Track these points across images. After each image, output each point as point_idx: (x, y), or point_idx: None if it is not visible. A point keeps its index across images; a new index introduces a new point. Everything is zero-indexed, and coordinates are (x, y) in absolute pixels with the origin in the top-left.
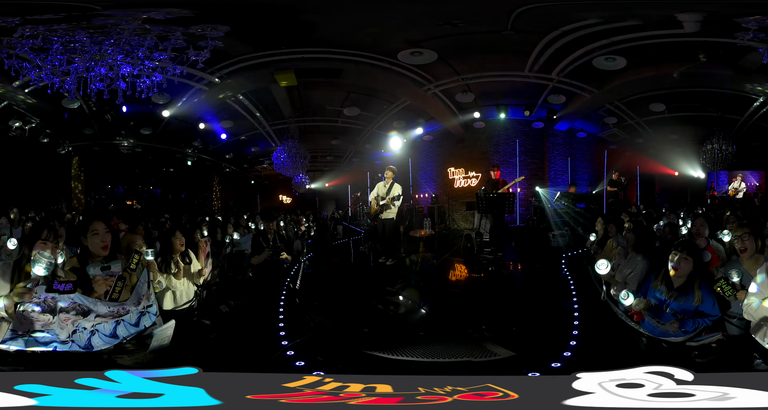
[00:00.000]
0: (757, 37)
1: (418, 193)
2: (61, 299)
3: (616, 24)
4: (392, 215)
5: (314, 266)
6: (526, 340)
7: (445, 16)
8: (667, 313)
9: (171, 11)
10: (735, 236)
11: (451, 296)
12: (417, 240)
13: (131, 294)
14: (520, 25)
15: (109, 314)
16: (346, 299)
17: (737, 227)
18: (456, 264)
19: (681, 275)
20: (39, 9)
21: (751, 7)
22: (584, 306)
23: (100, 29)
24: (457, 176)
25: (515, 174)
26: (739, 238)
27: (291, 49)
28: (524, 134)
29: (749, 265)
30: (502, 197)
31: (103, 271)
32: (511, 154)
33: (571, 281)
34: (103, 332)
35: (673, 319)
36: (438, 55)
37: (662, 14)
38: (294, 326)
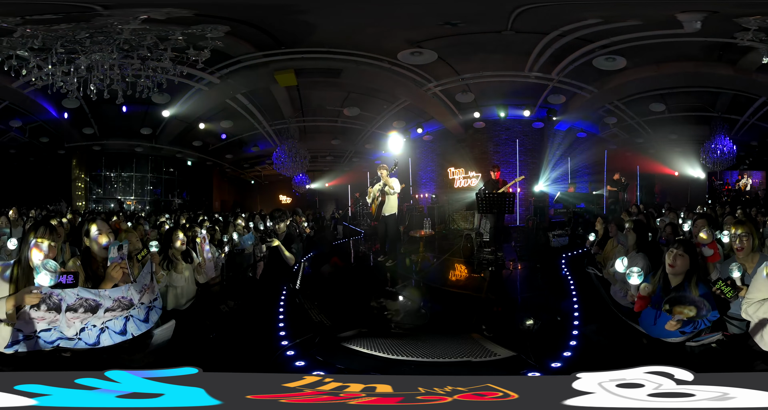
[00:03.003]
0: (757, 37)
1: (418, 193)
2: (66, 297)
3: (616, 24)
4: (394, 211)
5: (314, 266)
6: (526, 340)
7: (445, 16)
8: (664, 314)
9: (171, 11)
10: (733, 235)
11: (451, 296)
12: (417, 240)
13: (134, 282)
14: (520, 25)
15: (116, 305)
16: (346, 299)
17: (735, 226)
18: (456, 264)
19: (678, 272)
20: (39, 9)
21: (751, 7)
22: (584, 306)
23: (100, 29)
24: (457, 176)
25: (515, 174)
26: (738, 237)
27: (291, 49)
28: (524, 134)
29: (747, 264)
30: (502, 197)
31: (119, 251)
32: (511, 154)
33: (571, 281)
34: (114, 329)
35: (670, 318)
36: (438, 55)
37: (662, 14)
38: (294, 326)
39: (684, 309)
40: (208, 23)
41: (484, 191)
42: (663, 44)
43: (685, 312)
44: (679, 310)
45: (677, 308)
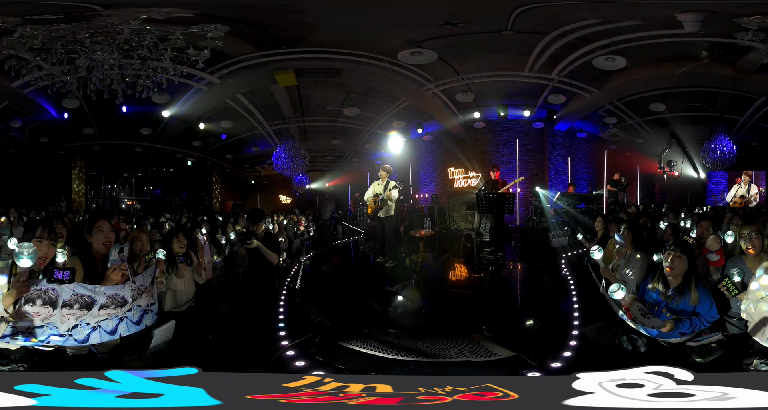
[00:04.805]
0: (757, 37)
1: (418, 193)
2: (62, 292)
3: (616, 24)
4: (391, 213)
5: (314, 266)
6: (526, 340)
7: (445, 16)
8: (663, 314)
9: (171, 11)
10: (743, 235)
11: (451, 296)
12: (417, 240)
13: (132, 281)
14: (520, 25)
15: (110, 302)
16: (346, 299)
17: (745, 225)
18: (456, 264)
19: (676, 274)
20: (39, 9)
21: (751, 7)
22: (584, 306)
23: (100, 29)
24: (457, 176)
25: (515, 174)
26: (747, 236)
27: (291, 49)
28: (524, 134)
29: (752, 264)
30: (502, 197)
31: (119, 254)
32: (511, 154)
33: (571, 281)
34: (105, 328)
35: (670, 318)
36: (438, 55)
37: (662, 14)
38: (294, 326)
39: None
40: (208, 23)
41: (484, 191)
42: (663, 44)
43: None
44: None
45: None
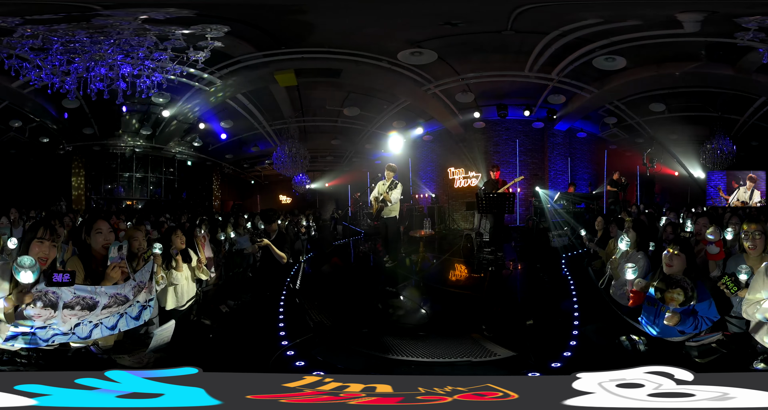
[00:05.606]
0: (757, 37)
1: (418, 193)
2: (62, 295)
3: (616, 24)
4: (394, 214)
5: (314, 266)
6: (526, 340)
7: (445, 16)
8: (664, 312)
9: (171, 11)
10: (745, 233)
11: (451, 296)
12: (417, 240)
13: (131, 279)
14: (520, 25)
15: (112, 301)
16: (346, 299)
17: (748, 223)
18: (456, 264)
19: (675, 272)
20: (39, 9)
21: (751, 7)
22: (584, 306)
23: (100, 29)
24: (457, 176)
25: (515, 174)
26: (750, 235)
27: (291, 49)
28: (524, 134)
29: (753, 262)
30: (502, 197)
31: (119, 251)
32: (511, 154)
33: (571, 281)
34: (106, 324)
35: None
36: (438, 55)
37: (662, 14)
38: (294, 326)
39: (673, 294)
40: (208, 23)
41: (484, 191)
42: (663, 44)
43: (675, 297)
44: (669, 296)
45: (667, 294)
